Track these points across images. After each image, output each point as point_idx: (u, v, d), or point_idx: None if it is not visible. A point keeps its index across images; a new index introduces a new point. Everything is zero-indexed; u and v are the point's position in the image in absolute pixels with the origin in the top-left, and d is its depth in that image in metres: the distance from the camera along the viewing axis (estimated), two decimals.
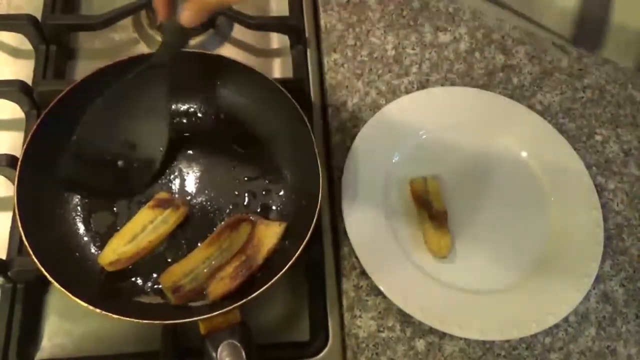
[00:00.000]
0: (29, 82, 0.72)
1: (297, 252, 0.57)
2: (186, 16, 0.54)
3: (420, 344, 0.64)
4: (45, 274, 0.54)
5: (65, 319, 0.63)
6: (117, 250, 0.60)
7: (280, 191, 0.67)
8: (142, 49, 0.81)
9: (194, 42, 0.81)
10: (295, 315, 0.66)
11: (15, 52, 0.78)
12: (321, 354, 0.63)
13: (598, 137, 0.77)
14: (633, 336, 0.66)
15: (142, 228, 0.61)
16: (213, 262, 0.60)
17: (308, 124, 0.64)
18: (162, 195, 0.64)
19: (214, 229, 0.64)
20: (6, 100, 0.70)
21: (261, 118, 0.69)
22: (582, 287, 0.65)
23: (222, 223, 0.64)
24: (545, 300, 0.65)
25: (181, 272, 0.59)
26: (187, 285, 0.59)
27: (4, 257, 0.63)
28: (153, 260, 0.62)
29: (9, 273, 0.61)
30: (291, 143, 0.67)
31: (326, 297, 0.65)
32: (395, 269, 0.65)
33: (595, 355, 0.65)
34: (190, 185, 0.67)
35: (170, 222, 0.62)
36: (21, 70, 0.75)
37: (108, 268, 0.60)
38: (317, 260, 0.67)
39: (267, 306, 0.65)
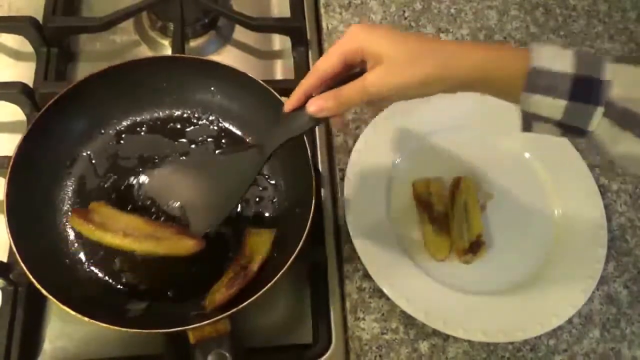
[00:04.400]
0: (30, 84, 0.71)
1: (288, 260, 0.56)
2: (318, 106, 0.51)
3: (423, 346, 0.64)
4: (34, 281, 0.53)
5: (67, 322, 0.63)
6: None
7: (273, 199, 0.66)
8: (144, 51, 0.81)
9: (194, 44, 0.81)
10: (298, 317, 0.66)
11: (16, 54, 0.78)
12: (324, 357, 0.62)
13: None
14: (637, 338, 0.66)
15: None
16: None
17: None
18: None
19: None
20: (7, 103, 0.70)
21: (255, 124, 0.68)
22: (586, 289, 0.65)
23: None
24: (549, 302, 0.64)
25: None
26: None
27: (5, 259, 0.63)
28: (144, 267, 0.62)
29: (10, 276, 0.61)
30: (285, 150, 0.66)
31: (329, 300, 0.65)
32: (398, 271, 0.65)
33: (599, 357, 0.65)
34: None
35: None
36: (22, 72, 0.75)
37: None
38: (320, 263, 0.66)
39: (270, 309, 0.65)
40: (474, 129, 0.74)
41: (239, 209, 0.65)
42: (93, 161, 0.66)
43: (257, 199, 0.66)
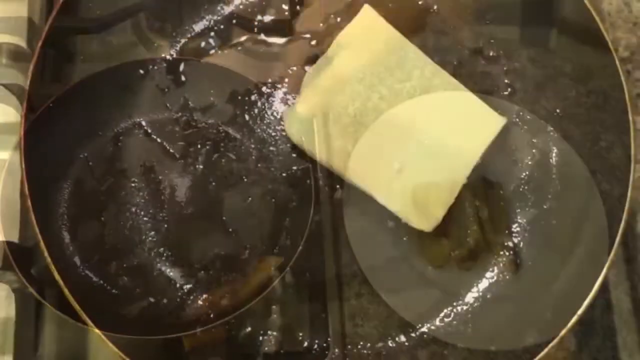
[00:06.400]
0: (26, 85, 0.71)
1: (286, 266, 0.56)
2: None
3: (422, 354, 0.63)
4: (27, 284, 0.53)
5: (61, 327, 0.63)
6: None
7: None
8: (141, 52, 0.80)
9: (192, 45, 0.80)
10: (295, 323, 0.65)
11: (11, 55, 0.77)
12: None
13: (603, 143, 0.76)
14: (638, 346, 0.65)
15: None
16: None
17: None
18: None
19: None
20: (2, 104, 0.69)
21: (254, 127, 0.68)
22: (587, 296, 0.64)
23: None
24: (550, 310, 0.64)
25: None
26: None
27: None
28: (140, 272, 0.62)
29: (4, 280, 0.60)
30: (283, 151, 0.66)
31: (327, 305, 0.65)
32: (397, 277, 0.64)
33: None
34: (181, 195, 0.66)
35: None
36: (18, 73, 0.74)
37: None
38: (318, 268, 0.66)
39: (266, 315, 0.65)
40: None
41: None
42: (90, 163, 0.66)
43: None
